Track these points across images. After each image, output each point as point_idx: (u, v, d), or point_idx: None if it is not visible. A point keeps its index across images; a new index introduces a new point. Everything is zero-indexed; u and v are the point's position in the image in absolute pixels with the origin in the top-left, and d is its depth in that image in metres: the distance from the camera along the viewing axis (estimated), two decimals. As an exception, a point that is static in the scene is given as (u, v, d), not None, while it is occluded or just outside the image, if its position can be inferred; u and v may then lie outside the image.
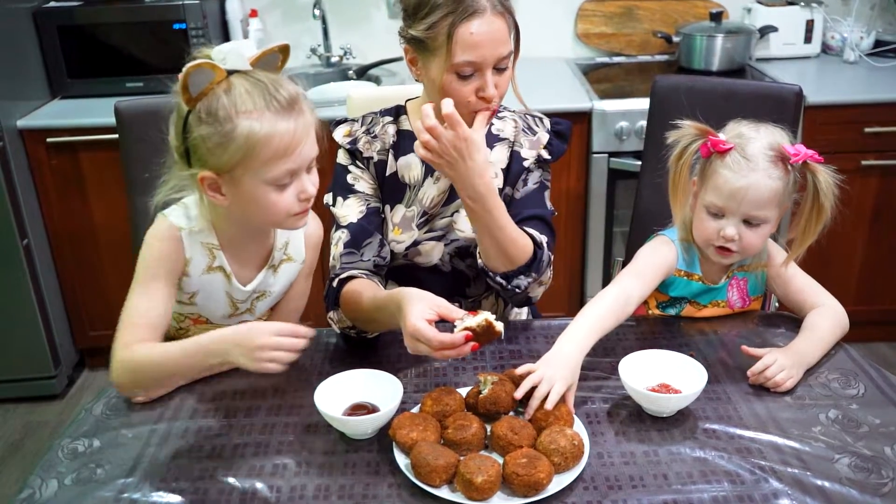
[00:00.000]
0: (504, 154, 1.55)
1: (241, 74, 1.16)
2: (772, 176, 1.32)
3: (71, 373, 2.85)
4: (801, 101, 1.80)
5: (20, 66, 2.59)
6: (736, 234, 1.35)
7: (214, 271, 1.31)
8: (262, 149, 1.14)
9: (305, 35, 3.05)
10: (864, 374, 1.32)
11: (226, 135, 1.14)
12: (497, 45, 1.36)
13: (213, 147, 1.15)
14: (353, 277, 1.46)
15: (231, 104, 1.14)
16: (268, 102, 1.14)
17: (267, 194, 1.19)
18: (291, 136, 1.16)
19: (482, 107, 1.40)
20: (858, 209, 2.66)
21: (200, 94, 1.14)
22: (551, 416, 1.15)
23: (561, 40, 3.10)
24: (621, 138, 2.54)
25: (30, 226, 2.57)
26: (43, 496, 1.10)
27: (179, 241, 1.28)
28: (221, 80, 1.15)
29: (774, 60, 2.94)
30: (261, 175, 1.17)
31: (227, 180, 1.19)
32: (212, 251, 1.30)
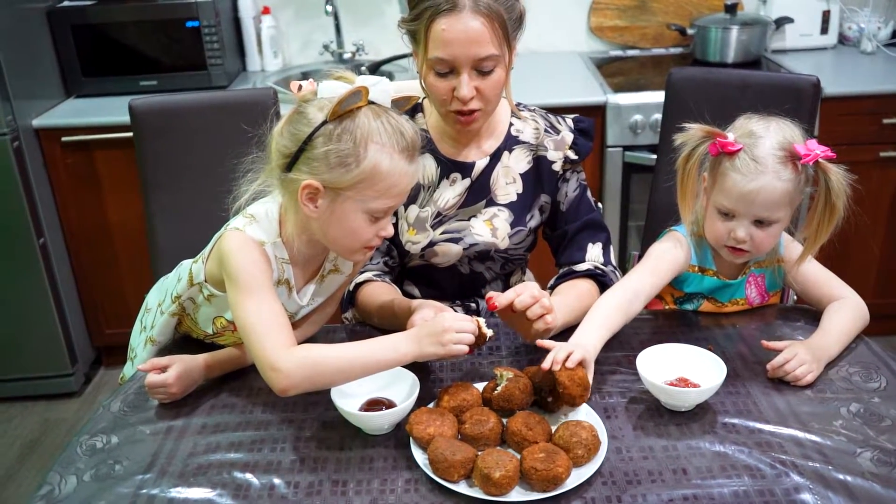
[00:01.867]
0: (525, 158, 1.53)
1: (380, 108, 1.20)
2: (781, 178, 1.30)
3: (88, 370, 2.86)
4: (818, 93, 1.77)
5: (35, 66, 2.61)
6: (747, 237, 1.34)
7: (281, 285, 1.32)
8: (379, 181, 1.19)
9: (318, 31, 3.04)
10: (885, 367, 1.30)
11: (354, 157, 1.17)
12: (471, 45, 1.33)
13: (334, 163, 1.17)
14: (368, 281, 1.47)
15: (369, 131, 1.17)
16: (398, 141, 1.19)
17: (360, 221, 1.23)
18: (406, 178, 1.22)
19: (459, 107, 1.38)
20: (877, 201, 2.63)
21: (346, 111, 1.17)
22: (566, 377, 1.15)
23: (574, 34, 3.08)
24: (636, 132, 2.52)
25: (46, 224, 2.59)
26: (62, 492, 1.10)
27: (266, 254, 1.26)
28: (363, 107, 1.18)
29: (790, 52, 2.91)
30: (365, 203, 1.21)
31: (329, 196, 1.21)
32: (282, 265, 1.31)
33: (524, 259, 1.64)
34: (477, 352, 1.32)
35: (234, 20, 2.93)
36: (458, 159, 1.52)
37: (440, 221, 1.53)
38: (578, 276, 1.51)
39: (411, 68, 2.90)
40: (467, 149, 1.52)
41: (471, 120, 1.42)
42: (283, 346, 1.17)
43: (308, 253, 1.32)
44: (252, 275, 1.23)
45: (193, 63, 2.72)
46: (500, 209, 1.53)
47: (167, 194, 1.82)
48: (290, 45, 3.07)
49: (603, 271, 1.52)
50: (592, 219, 1.56)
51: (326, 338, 1.47)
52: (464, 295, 1.63)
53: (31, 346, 2.67)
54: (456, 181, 1.52)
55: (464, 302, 1.63)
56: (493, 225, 1.52)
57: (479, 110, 1.41)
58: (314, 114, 1.19)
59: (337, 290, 1.45)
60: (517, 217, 1.53)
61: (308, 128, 1.18)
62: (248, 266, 1.24)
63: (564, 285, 1.50)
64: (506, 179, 1.52)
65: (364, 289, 1.50)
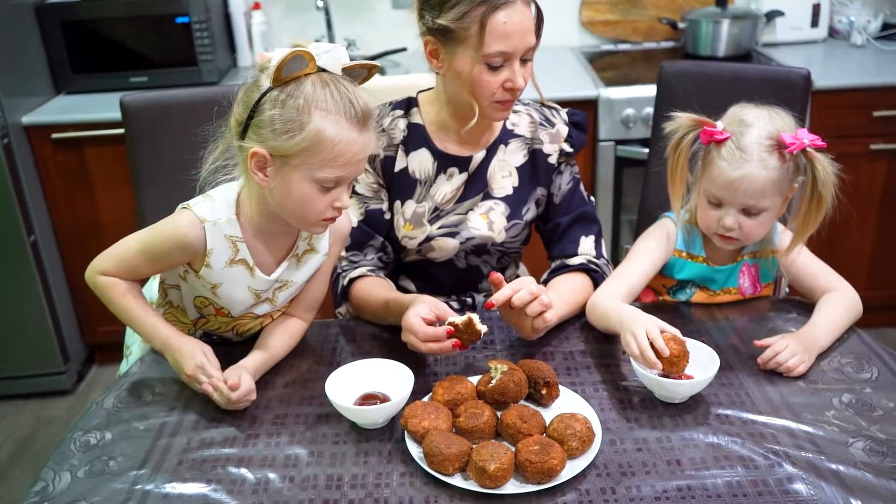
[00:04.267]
0: (520, 151, 1.53)
1: (330, 75, 1.19)
2: (767, 166, 1.31)
3: (80, 368, 2.85)
4: (809, 85, 1.78)
5: (24, 63, 2.59)
6: (735, 224, 1.35)
7: (237, 264, 1.31)
8: (324, 149, 1.17)
9: (309, 27, 3.04)
10: (877, 357, 1.31)
11: (298, 123, 1.16)
12: (527, 34, 1.36)
13: (279, 130, 1.16)
14: (363, 276, 1.48)
15: (313, 98, 1.16)
16: (346, 109, 1.17)
17: (309, 191, 1.21)
18: (354, 148, 1.19)
19: (507, 98, 1.40)
20: (867, 193, 2.64)
21: (290, 77, 1.16)
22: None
23: (566, 28, 3.09)
24: (628, 126, 2.52)
25: (36, 222, 2.58)
26: (56, 489, 1.10)
27: (201, 232, 1.27)
28: (311, 74, 1.17)
29: (781, 45, 2.91)
30: (312, 171, 1.19)
31: (277, 164, 1.20)
32: (235, 244, 1.30)
33: (519, 252, 1.65)
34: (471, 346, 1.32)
35: (225, 16, 2.92)
36: (455, 153, 1.51)
37: (437, 216, 1.52)
38: (572, 270, 1.52)
39: (403, 63, 2.90)
40: (463, 143, 1.51)
41: (508, 107, 1.44)
42: (103, 272, 1.34)
43: (272, 229, 1.31)
44: (162, 248, 1.29)
45: (184, 59, 2.71)
46: (497, 202, 1.53)
47: (158, 191, 1.81)
48: (280, 40, 3.06)
49: (597, 265, 1.53)
50: (585, 212, 1.56)
51: (319, 332, 1.47)
52: (460, 289, 1.63)
53: (23, 345, 2.66)
54: (453, 176, 1.51)
55: (459, 296, 1.63)
56: (489, 218, 1.52)
57: (514, 100, 1.43)
58: (265, 81, 1.18)
59: (324, 273, 1.43)
60: (513, 210, 1.53)
61: (258, 94, 1.18)
62: (166, 245, 1.29)
63: (558, 279, 1.51)
64: (502, 173, 1.52)
65: (358, 284, 1.50)
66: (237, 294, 1.34)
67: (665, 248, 1.47)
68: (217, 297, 1.34)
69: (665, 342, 1.18)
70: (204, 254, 1.29)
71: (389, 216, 1.54)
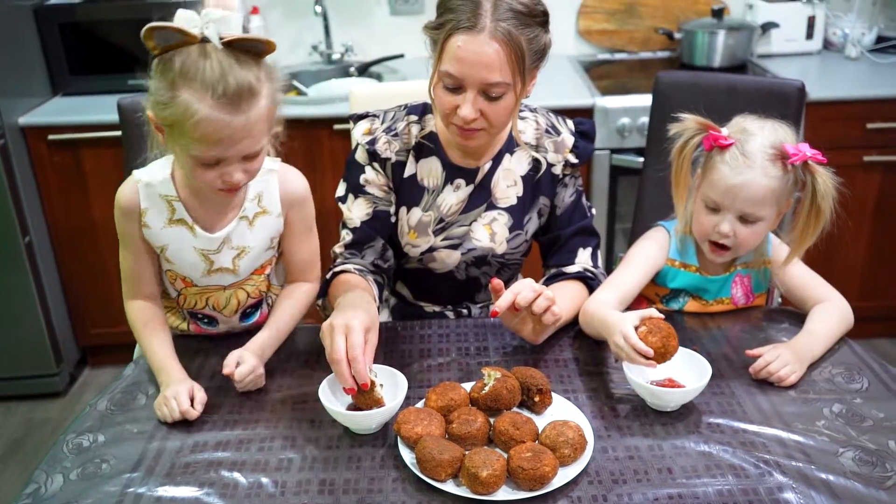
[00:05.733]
0: (525, 161, 1.52)
1: (213, 47, 1.14)
2: (769, 174, 1.32)
3: (73, 370, 2.85)
4: (803, 97, 1.79)
5: (22, 64, 2.59)
6: (731, 231, 1.36)
7: (176, 224, 1.33)
8: (192, 128, 1.14)
9: (307, 32, 3.05)
10: (867, 368, 1.32)
11: (168, 98, 1.14)
12: (482, 68, 1.29)
13: (159, 101, 1.16)
14: (346, 272, 1.46)
15: (183, 73, 1.13)
16: (214, 86, 1.12)
17: (191, 164, 1.20)
18: (224, 130, 1.14)
19: (460, 124, 1.35)
20: (861, 205, 2.66)
21: (167, 47, 1.14)
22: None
23: (563, 37, 3.10)
24: (623, 135, 2.54)
25: (32, 223, 2.58)
26: (48, 491, 1.10)
27: (135, 194, 1.32)
28: (192, 44, 1.14)
29: (776, 57, 2.93)
30: (187, 147, 1.18)
31: (165, 132, 1.20)
32: (170, 203, 1.32)
33: (519, 264, 1.64)
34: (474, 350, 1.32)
35: (223, 20, 2.92)
36: (463, 165, 1.50)
37: (442, 227, 1.52)
38: (568, 278, 1.52)
39: (401, 70, 2.91)
40: (470, 154, 1.50)
41: (471, 136, 1.38)
42: (129, 297, 1.40)
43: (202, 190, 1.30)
44: (118, 225, 1.36)
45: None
46: (500, 213, 1.52)
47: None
48: (278, 45, 3.03)
49: (593, 274, 1.53)
50: (586, 225, 1.56)
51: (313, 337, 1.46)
52: (456, 300, 1.63)
53: (16, 346, 2.65)
54: (460, 187, 1.51)
55: (456, 307, 1.64)
56: (492, 229, 1.52)
57: (483, 130, 1.38)
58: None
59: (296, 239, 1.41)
60: (516, 221, 1.52)
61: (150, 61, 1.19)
62: (116, 217, 1.35)
63: (555, 286, 1.51)
64: (507, 182, 1.51)
65: (338, 278, 1.46)
66: (186, 256, 1.36)
67: (658, 257, 1.48)
68: (171, 263, 1.37)
69: (644, 337, 1.18)
70: (139, 213, 1.32)
71: (395, 220, 1.53)
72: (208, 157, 1.18)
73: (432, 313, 1.63)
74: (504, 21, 1.29)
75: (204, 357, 1.41)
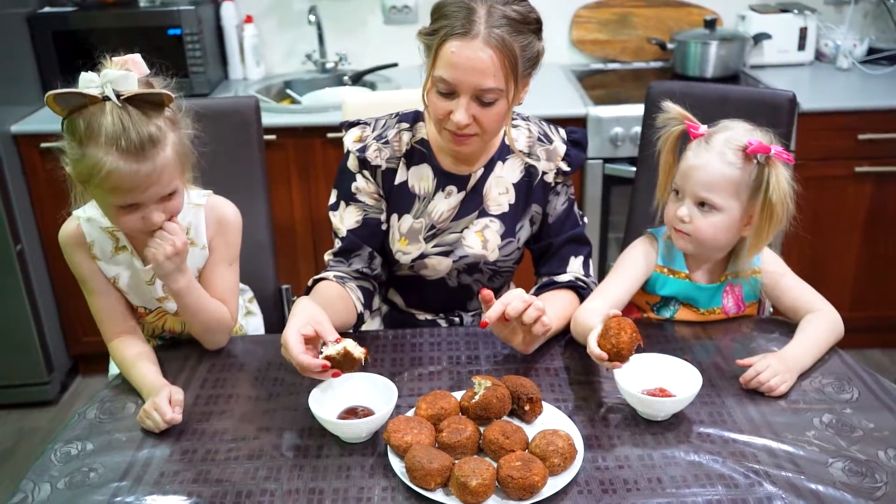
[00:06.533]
0: (517, 168, 1.52)
1: (113, 105, 1.20)
2: (725, 160, 1.34)
3: (64, 379, 2.84)
4: (794, 108, 1.80)
5: (14, 71, 2.59)
6: (688, 216, 1.38)
7: (121, 251, 1.40)
8: (103, 180, 1.22)
9: (301, 41, 3.05)
10: (857, 378, 1.32)
11: (79, 155, 1.22)
12: (475, 74, 1.31)
13: (72, 158, 1.24)
14: (325, 279, 1.46)
15: (88, 131, 1.20)
16: (118, 140, 1.19)
17: (112, 212, 1.28)
18: (133, 178, 1.22)
19: (454, 130, 1.37)
20: (852, 215, 2.67)
21: (73, 108, 1.21)
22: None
23: (556, 47, 3.11)
24: (616, 144, 2.54)
25: (23, 231, 2.57)
26: (35, 500, 1.09)
27: (78, 228, 1.39)
28: (95, 104, 1.21)
29: (768, 67, 2.95)
30: (104, 198, 1.26)
31: (85, 186, 1.27)
32: (113, 234, 1.39)
33: (511, 272, 1.64)
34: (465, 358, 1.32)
35: (217, 29, 2.93)
36: (455, 172, 1.51)
37: (433, 234, 1.52)
38: (559, 287, 1.52)
39: (394, 79, 2.91)
40: (462, 161, 1.51)
41: (464, 141, 1.40)
42: (109, 338, 1.43)
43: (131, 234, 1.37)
44: (73, 267, 1.41)
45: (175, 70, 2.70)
46: (492, 220, 1.52)
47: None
48: (272, 53, 3.07)
49: (585, 283, 1.53)
50: (577, 233, 1.56)
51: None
52: (448, 308, 1.63)
53: (7, 354, 2.64)
54: (451, 194, 1.51)
55: (448, 315, 1.64)
56: (484, 236, 1.52)
57: (476, 135, 1.39)
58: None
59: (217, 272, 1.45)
60: (508, 228, 1.53)
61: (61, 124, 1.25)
62: (69, 258, 1.40)
63: (546, 295, 1.51)
64: (498, 189, 1.52)
65: (316, 286, 1.46)
66: (134, 282, 1.42)
67: (646, 264, 1.48)
68: (126, 293, 1.43)
69: (601, 345, 1.19)
70: (88, 246, 1.38)
71: (386, 227, 1.53)
72: (124, 203, 1.26)
73: (424, 321, 1.63)
74: (498, 28, 1.30)
75: (194, 365, 1.41)
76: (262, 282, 1.85)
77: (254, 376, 1.38)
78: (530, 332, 1.29)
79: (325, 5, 2.97)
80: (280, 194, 2.60)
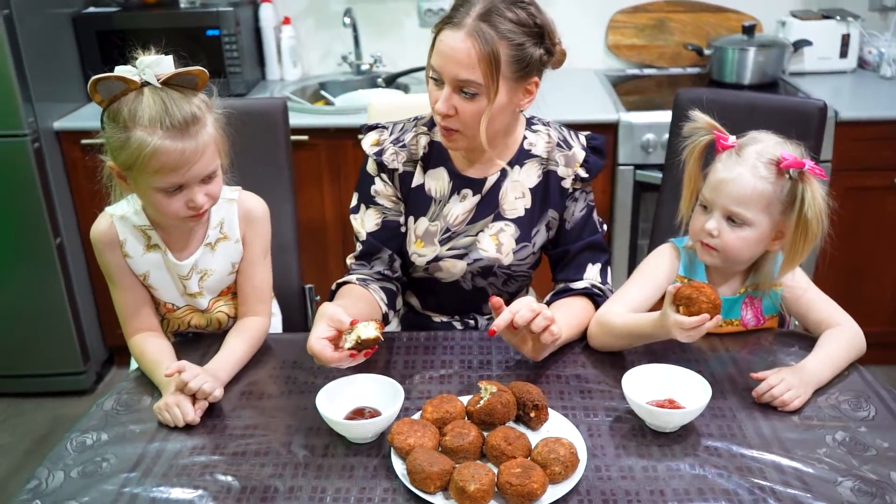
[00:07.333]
0: (535, 172, 1.52)
1: (152, 88, 1.25)
2: (758, 174, 1.31)
3: (99, 369, 2.91)
4: (824, 117, 1.76)
5: (58, 70, 2.67)
6: (716, 230, 1.35)
7: (153, 249, 1.43)
8: (149, 161, 1.25)
9: (337, 42, 3.08)
10: (876, 396, 1.29)
11: (123, 140, 1.25)
12: (454, 63, 1.33)
13: (115, 146, 1.27)
14: (349, 282, 1.49)
15: (131, 114, 1.24)
16: (162, 120, 1.23)
17: (156, 197, 1.31)
18: (178, 156, 1.26)
19: (439, 118, 1.40)
20: (892, 226, 2.59)
21: (112, 97, 1.26)
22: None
23: (591, 51, 3.09)
24: (647, 151, 2.52)
25: (63, 225, 2.64)
26: (49, 487, 1.13)
27: (112, 227, 1.41)
28: (134, 90, 1.25)
29: (808, 75, 2.89)
30: (149, 181, 1.28)
31: (128, 175, 1.31)
32: (145, 232, 1.42)
33: (528, 276, 1.63)
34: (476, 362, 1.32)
35: (255, 30, 2.97)
36: (470, 175, 1.52)
37: (448, 237, 1.52)
38: (575, 294, 1.52)
39: (427, 81, 2.93)
40: (480, 164, 1.51)
41: (449, 136, 1.42)
42: (129, 334, 1.46)
43: (170, 221, 1.38)
44: (102, 264, 1.44)
45: (213, 71, 2.74)
46: (507, 224, 1.52)
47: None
48: (309, 55, 3.11)
49: (601, 291, 1.52)
50: (595, 240, 1.56)
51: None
52: (464, 311, 1.64)
53: (45, 344, 2.72)
54: (466, 197, 1.52)
55: (463, 318, 1.64)
56: (498, 240, 1.52)
57: (457, 131, 1.40)
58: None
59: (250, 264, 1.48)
60: (523, 233, 1.52)
61: (100, 117, 1.29)
62: (98, 254, 1.43)
63: (560, 302, 1.51)
64: (515, 194, 1.52)
65: (341, 289, 1.50)
66: (164, 280, 1.45)
67: (667, 273, 1.46)
68: (154, 289, 1.46)
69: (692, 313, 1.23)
70: (120, 244, 1.41)
71: (405, 230, 1.55)
72: (169, 185, 1.29)
73: (440, 323, 1.64)
74: (486, 23, 1.32)
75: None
76: (286, 281, 1.88)
77: (268, 374, 1.40)
78: (539, 340, 1.29)
79: (360, 7, 3.00)
80: (311, 194, 2.63)
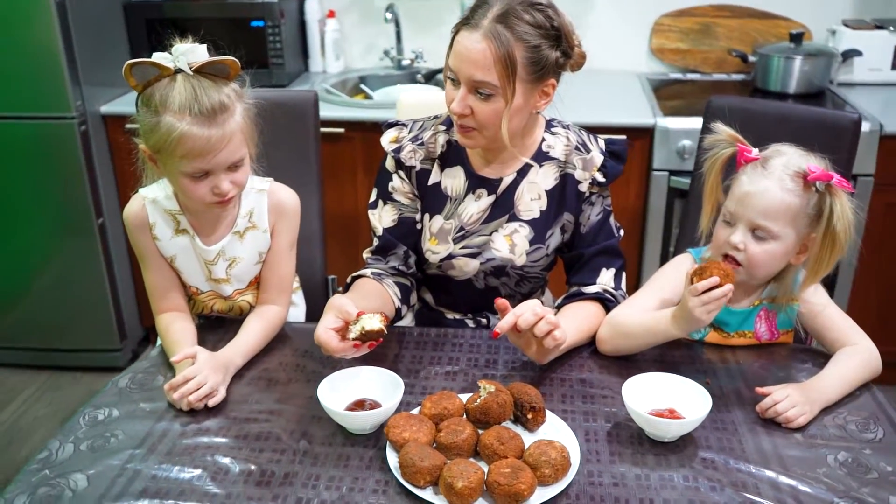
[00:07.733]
0: (552, 175, 1.52)
1: (185, 75, 1.30)
2: (785, 187, 1.29)
3: (135, 347, 2.99)
4: (858, 130, 1.72)
5: (107, 56, 2.74)
6: (742, 244, 1.32)
7: (181, 234, 1.48)
8: (176, 146, 1.29)
9: (381, 37, 3.11)
10: (885, 418, 1.26)
11: (154, 124, 1.30)
12: (470, 65, 1.33)
13: (146, 129, 1.33)
14: (363, 276, 1.50)
15: (162, 100, 1.29)
16: (191, 106, 1.28)
17: (183, 181, 1.35)
18: (205, 142, 1.30)
19: (454, 117, 1.41)
20: (934, 246, 2.52)
21: (147, 82, 1.31)
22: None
23: (635, 54, 3.06)
24: (683, 157, 2.49)
25: (106, 206, 2.73)
26: (58, 458, 1.17)
27: (143, 210, 1.46)
28: (167, 76, 1.30)
29: (858, 86, 2.81)
30: (177, 165, 1.33)
31: (157, 158, 1.36)
32: (174, 216, 1.47)
33: (542, 278, 1.64)
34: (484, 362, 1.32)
35: (300, 22, 3.02)
36: (486, 175, 1.52)
37: (462, 236, 1.54)
38: (586, 298, 1.51)
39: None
40: (497, 164, 1.52)
41: (465, 134, 1.43)
42: (157, 312, 1.51)
43: (198, 206, 1.42)
44: (134, 243, 1.49)
45: (257, 61, 2.82)
46: (522, 225, 1.53)
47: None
48: (352, 48, 3.15)
49: (613, 295, 1.52)
50: (610, 245, 1.55)
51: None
52: (476, 309, 1.65)
53: (84, 321, 2.82)
54: (481, 196, 1.53)
55: (475, 316, 1.65)
56: (512, 241, 1.53)
57: (474, 129, 1.41)
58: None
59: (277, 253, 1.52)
60: (537, 234, 1.53)
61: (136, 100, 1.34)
62: (130, 235, 1.48)
63: (571, 306, 1.50)
64: (531, 195, 1.52)
65: (356, 283, 1.53)
66: (190, 264, 1.49)
67: (681, 283, 1.45)
68: (180, 272, 1.50)
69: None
70: (150, 227, 1.45)
71: (420, 227, 1.56)
72: (195, 170, 1.33)
73: (452, 320, 1.65)
74: (503, 24, 1.32)
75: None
76: (310, 271, 1.91)
77: (278, 361, 1.43)
78: (542, 344, 1.29)
79: (404, 3, 3.02)
80: (345, 186, 2.66)
